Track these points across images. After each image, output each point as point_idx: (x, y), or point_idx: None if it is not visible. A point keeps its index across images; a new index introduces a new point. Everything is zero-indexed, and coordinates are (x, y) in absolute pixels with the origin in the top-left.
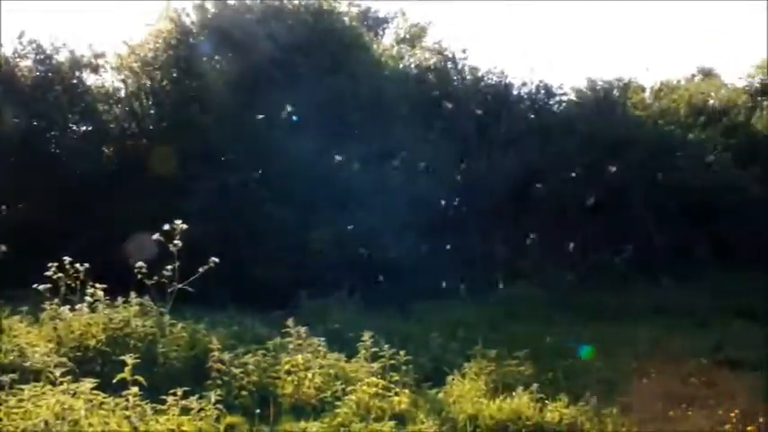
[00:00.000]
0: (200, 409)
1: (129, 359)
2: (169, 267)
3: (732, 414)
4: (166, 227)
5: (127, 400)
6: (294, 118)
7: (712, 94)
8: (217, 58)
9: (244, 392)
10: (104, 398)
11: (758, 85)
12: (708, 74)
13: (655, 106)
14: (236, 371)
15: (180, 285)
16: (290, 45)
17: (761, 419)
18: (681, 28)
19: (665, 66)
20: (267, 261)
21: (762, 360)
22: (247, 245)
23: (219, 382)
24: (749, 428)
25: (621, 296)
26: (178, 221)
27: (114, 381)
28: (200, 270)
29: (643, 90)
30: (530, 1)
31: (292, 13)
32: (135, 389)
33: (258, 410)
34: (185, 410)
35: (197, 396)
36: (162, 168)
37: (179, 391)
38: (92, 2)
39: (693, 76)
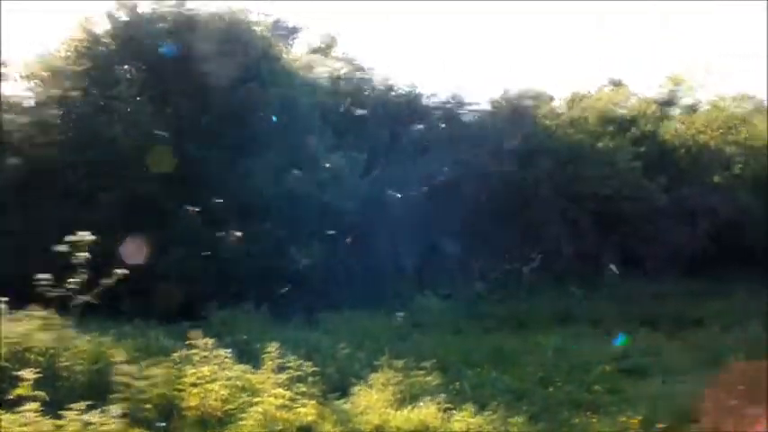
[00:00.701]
0: (103, 424)
1: (29, 374)
2: (73, 280)
3: (634, 421)
4: (72, 238)
5: (24, 416)
6: (205, 127)
7: (621, 103)
8: (127, 67)
9: (148, 405)
10: (1, 414)
11: (666, 96)
12: (617, 84)
13: (565, 116)
14: (141, 384)
15: (85, 298)
16: (201, 55)
17: (661, 425)
18: (592, 40)
19: (576, 77)
20: (175, 272)
21: (664, 368)
22: (155, 256)
23: (123, 395)
24: None
25: (529, 305)
26: (84, 233)
27: (12, 396)
28: (106, 282)
29: (553, 100)
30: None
31: (204, 22)
32: (35, 404)
33: (163, 423)
34: (86, 425)
35: (99, 410)
36: (70, 179)
37: (81, 405)
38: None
39: (603, 86)
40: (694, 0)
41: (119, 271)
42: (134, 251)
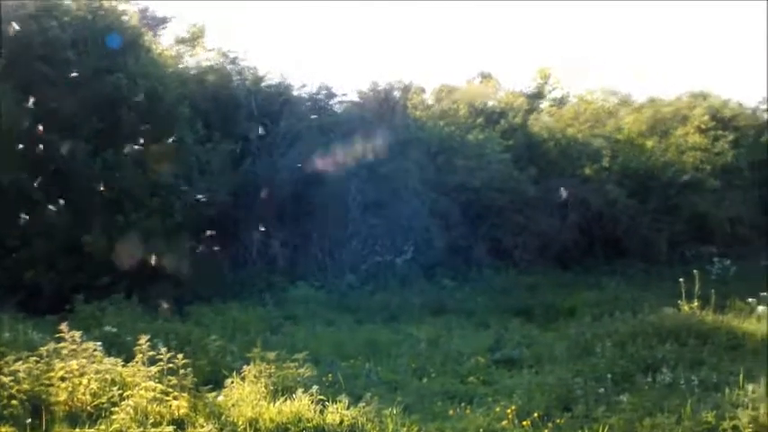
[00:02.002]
0: None
1: None
2: None
3: (509, 411)
4: None
5: None
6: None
7: (491, 96)
8: None
9: (14, 402)
10: None
11: (535, 90)
12: (487, 77)
13: (435, 108)
14: (6, 379)
15: None
16: (65, 42)
17: (535, 415)
18: (461, 32)
19: (446, 69)
20: (40, 264)
21: (537, 358)
22: (20, 248)
23: None
24: (524, 423)
25: (402, 297)
26: None
27: None
28: None
29: (424, 92)
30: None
31: (69, 9)
32: None
33: (30, 420)
34: None
35: None
36: None
37: None
38: None
39: (473, 78)
40: None
41: None
42: None
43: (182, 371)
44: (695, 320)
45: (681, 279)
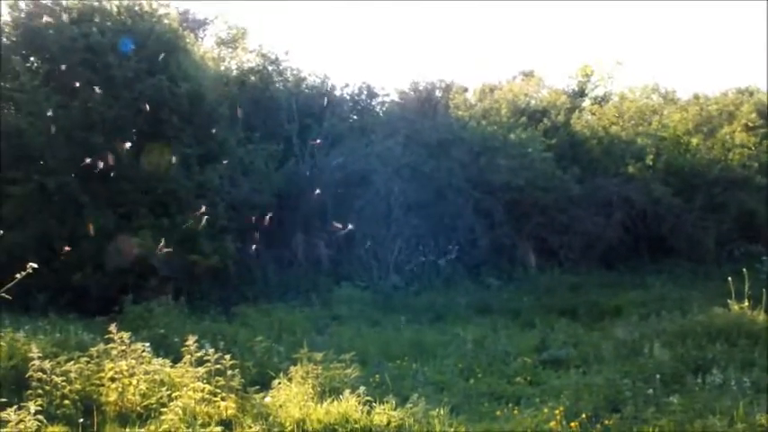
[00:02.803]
0: (20, 421)
1: None
2: None
3: (557, 412)
4: None
5: None
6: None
7: (533, 95)
8: (32, 59)
9: (66, 401)
10: None
11: (576, 87)
12: (529, 75)
13: (477, 107)
14: (58, 379)
15: None
16: (107, 46)
17: (583, 416)
18: (504, 31)
19: (488, 68)
20: (89, 266)
21: (584, 358)
22: (68, 249)
23: (40, 391)
24: (572, 425)
25: (447, 297)
26: None
27: None
28: (18, 276)
29: (466, 91)
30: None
31: (110, 14)
32: None
33: (81, 420)
34: (3, 423)
35: (15, 407)
36: None
37: None
38: None
39: (515, 77)
40: None
41: (31, 265)
42: (45, 244)
43: (229, 372)
44: (746, 320)
45: (729, 278)
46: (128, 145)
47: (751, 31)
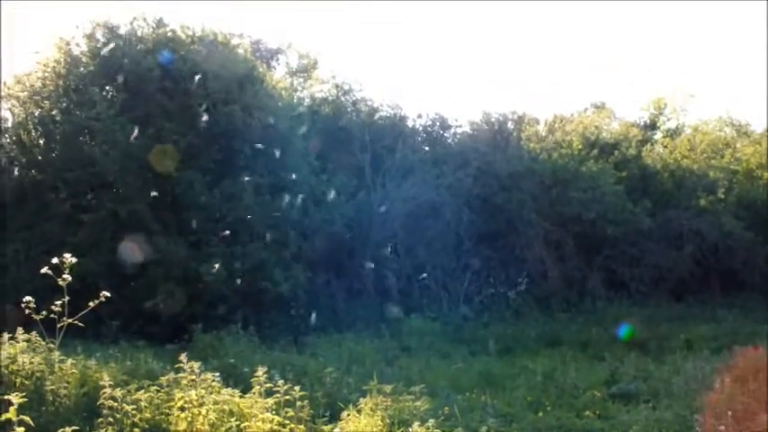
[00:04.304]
0: None
1: (15, 398)
2: (58, 302)
3: None
4: (55, 260)
5: None
6: (187, 149)
7: (604, 127)
8: (108, 88)
9: (136, 429)
10: None
11: (648, 120)
12: (600, 107)
13: (549, 139)
14: (128, 407)
15: (70, 320)
16: (181, 76)
17: None
18: (576, 62)
19: (559, 99)
20: (158, 293)
21: (654, 392)
22: (139, 277)
23: (111, 419)
24: None
25: (516, 328)
26: (67, 255)
27: None
28: (91, 304)
29: (537, 123)
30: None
31: (185, 43)
32: (21, 429)
33: None
34: None
35: None
36: (52, 200)
37: (68, 430)
38: None
39: (586, 109)
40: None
41: (104, 293)
42: (117, 272)
43: (298, 402)
44: None
45: None
46: (201, 173)
47: None
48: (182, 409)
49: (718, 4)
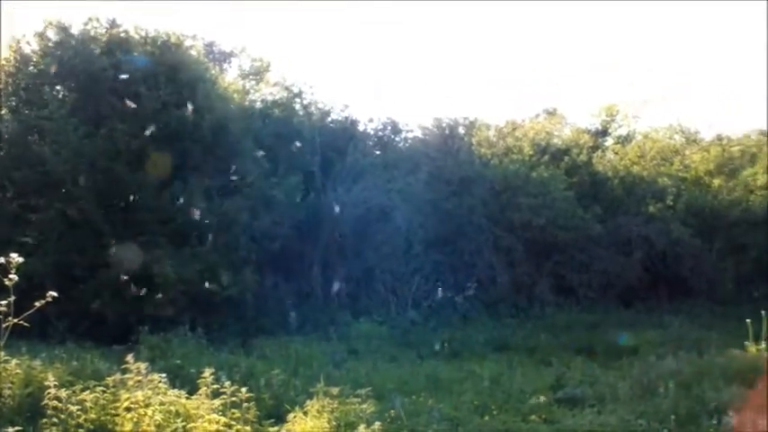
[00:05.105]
0: None
1: None
2: (4, 302)
3: None
4: (1, 259)
5: None
6: (138, 150)
7: (555, 133)
8: (58, 87)
9: (81, 430)
10: None
11: (600, 126)
12: (551, 113)
13: (500, 144)
14: (73, 408)
15: (15, 320)
16: (134, 77)
17: None
18: (528, 68)
19: (511, 105)
20: (108, 295)
21: (600, 397)
22: (87, 278)
23: (55, 420)
24: None
25: (464, 333)
26: (14, 254)
27: None
28: (37, 304)
29: (488, 128)
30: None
31: (138, 44)
32: None
33: None
34: None
35: None
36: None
37: (11, 430)
38: None
39: (538, 115)
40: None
41: (51, 293)
42: (65, 273)
43: (245, 404)
44: (762, 363)
45: (748, 320)
46: (151, 175)
47: None
48: (128, 409)
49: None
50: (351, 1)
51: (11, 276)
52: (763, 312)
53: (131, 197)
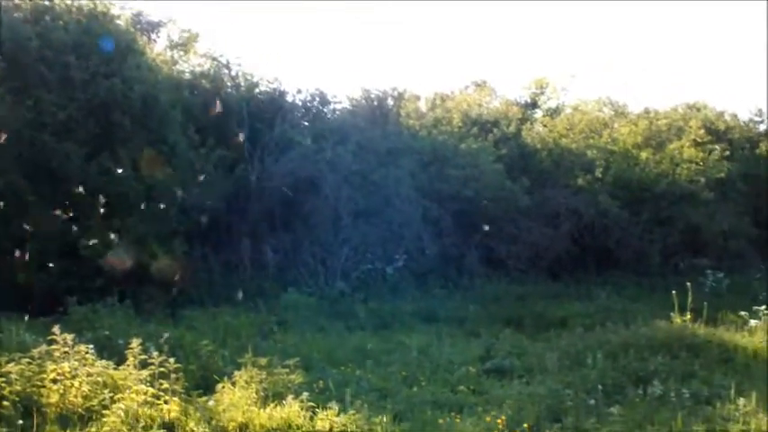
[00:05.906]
0: None
1: None
2: None
3: (499, 421)
4: None
5: None
6: (65, 121)
7: (485, 105)
8: None
9: (6, 403)
10: None
11: (529, 99)
12: (481, 85)
13: (429, 116)
14: None
15: None
16: (61, 46)
17: (525, 425)
18: (458, 40)
19: (441, 77)
20: (34, 266)
21: (528, 368)
22: (13, 249)
23: None
24: None
25: (393, 304)
26: None
27: None
28: None
29: (418, 99)
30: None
31: (64, 13)
32: None
33: (21, 421)
34: None
35: None
36: None
37: None
38: None
39: (467, 87)
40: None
41: None
42: None
43: (173, 375)
44: (687, 333)
45: (673, 291)
46: (79, 146)
47: (699, 47)
48: (54, 381)
49: None
50: None
51: None
52: (688, 284)
53: (59, 168)
